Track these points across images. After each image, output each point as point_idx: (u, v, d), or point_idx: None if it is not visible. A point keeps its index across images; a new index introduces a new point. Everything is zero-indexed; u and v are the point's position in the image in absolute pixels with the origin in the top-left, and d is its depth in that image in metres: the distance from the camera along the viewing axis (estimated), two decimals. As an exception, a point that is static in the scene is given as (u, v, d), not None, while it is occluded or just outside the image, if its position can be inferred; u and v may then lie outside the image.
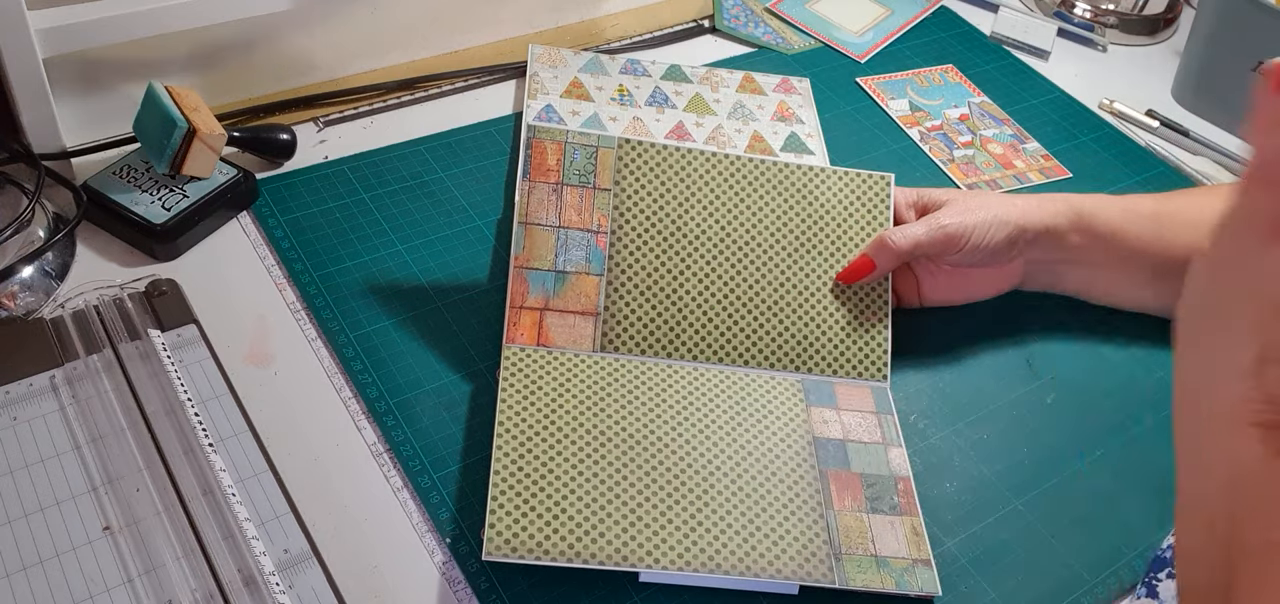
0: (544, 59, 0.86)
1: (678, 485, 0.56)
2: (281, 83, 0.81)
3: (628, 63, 0.88)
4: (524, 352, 0.61)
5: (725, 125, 0.83)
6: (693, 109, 0.84)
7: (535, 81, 0.84)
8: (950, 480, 0.60)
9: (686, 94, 0.86)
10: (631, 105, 0.83)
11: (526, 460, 0.55)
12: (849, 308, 0.66)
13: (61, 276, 0.65)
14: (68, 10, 0.67)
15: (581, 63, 0.87)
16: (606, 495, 0.54)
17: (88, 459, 0.54)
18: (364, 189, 0.73)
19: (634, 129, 0.81)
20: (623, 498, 0.54)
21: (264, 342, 0.63)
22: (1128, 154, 0.89)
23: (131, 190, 0.67)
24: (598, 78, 0.86)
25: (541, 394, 0.59)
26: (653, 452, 0.57)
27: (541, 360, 0.61)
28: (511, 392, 0.58)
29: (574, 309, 0.63)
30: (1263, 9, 0.87)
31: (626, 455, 0.57)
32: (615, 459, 0.56)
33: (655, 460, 0.57)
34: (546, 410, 0.58)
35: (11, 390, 0.56)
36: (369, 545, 0.54)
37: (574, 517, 0.53)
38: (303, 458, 0.57)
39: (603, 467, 0.56)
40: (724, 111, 0.85)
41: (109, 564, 0.50)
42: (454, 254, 0.70)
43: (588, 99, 0.83)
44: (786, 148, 0.82)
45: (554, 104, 0.82)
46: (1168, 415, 0.66)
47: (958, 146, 0.86)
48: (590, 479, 0.55)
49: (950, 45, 0.99)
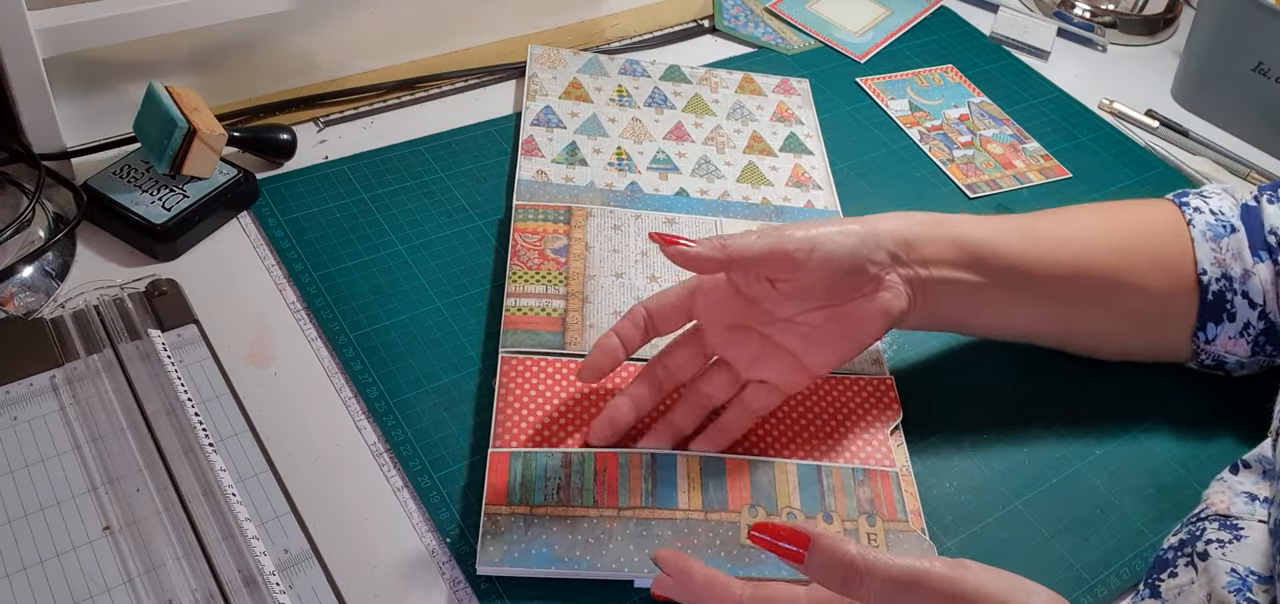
0: (543, 60, 0.86)
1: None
2: (281, 83, 0.81)
3: (626, 63, 0.88)
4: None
5: (724, 126, 0.83)
6: (692, 109, 0.84)
7: (534, 82, 0.84)
8: (950, 480, 0.60)
9: (686, 95, 0.86)
10: (630, 106, 0.83)
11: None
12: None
13: (62, 276, 0.65)
14: (68, 10, 0.67)
15: (580, 63, 0.87)
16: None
17: (88, 459, 0.54)
18: (364, 189, 0.73)
19: (633, 130, 0.81)
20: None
21: (264, 342, 0.63)
22: (1127, 154, 0.89)
23: (132, 190, 0.67)
24: (597, 78, 0.86)
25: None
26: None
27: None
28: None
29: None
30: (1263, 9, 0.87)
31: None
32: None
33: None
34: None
35: (11, 390, 0.56)
36: (369, 545, 0.54)
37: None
38: (303, 458, 0.57)
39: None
40: (723, 112, 0.85)
41: (109, 564, 0.50)
42: (454, 254, 0.70)
43: (587, 100, 0.83)
44: (786, 148, 0.82)
45: (553, 105, 0.82)
46: (1168, 416, 0.66)
47: (957, 146, 0.86)
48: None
49: (950, 45, 0.99)
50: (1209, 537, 0.51)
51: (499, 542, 0.52)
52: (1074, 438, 0.64)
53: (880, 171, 0.82)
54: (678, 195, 0.76)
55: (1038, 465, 0.62)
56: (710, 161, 0.79)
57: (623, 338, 0.57)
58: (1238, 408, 0.67)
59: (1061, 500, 0.60)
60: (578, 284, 0.66)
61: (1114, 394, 0.67)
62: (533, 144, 0.78)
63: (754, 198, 0.76)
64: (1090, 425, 0.65)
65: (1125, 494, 0.61)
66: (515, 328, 0.63)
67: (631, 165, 0.78)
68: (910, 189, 0.81)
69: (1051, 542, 0.58)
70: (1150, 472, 0.63)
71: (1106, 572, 0.57)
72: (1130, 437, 0.65)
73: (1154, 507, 0.61)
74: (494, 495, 0.54)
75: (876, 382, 0.64)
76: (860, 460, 0.59)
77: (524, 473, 0.55)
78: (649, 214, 0.73)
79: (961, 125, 0.89)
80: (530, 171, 0.75)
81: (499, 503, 0.54)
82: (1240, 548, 0.50)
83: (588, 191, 0.74)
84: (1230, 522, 0.51)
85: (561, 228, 0.70)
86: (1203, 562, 0.50)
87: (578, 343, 0.63)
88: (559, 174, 0.75)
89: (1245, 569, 0.48)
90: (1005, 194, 0.82)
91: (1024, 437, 0.64)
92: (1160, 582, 0.52)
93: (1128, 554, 0.58)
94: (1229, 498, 0.53)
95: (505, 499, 0.54)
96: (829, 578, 0.43)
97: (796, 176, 0.79)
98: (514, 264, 0.67)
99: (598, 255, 0.69)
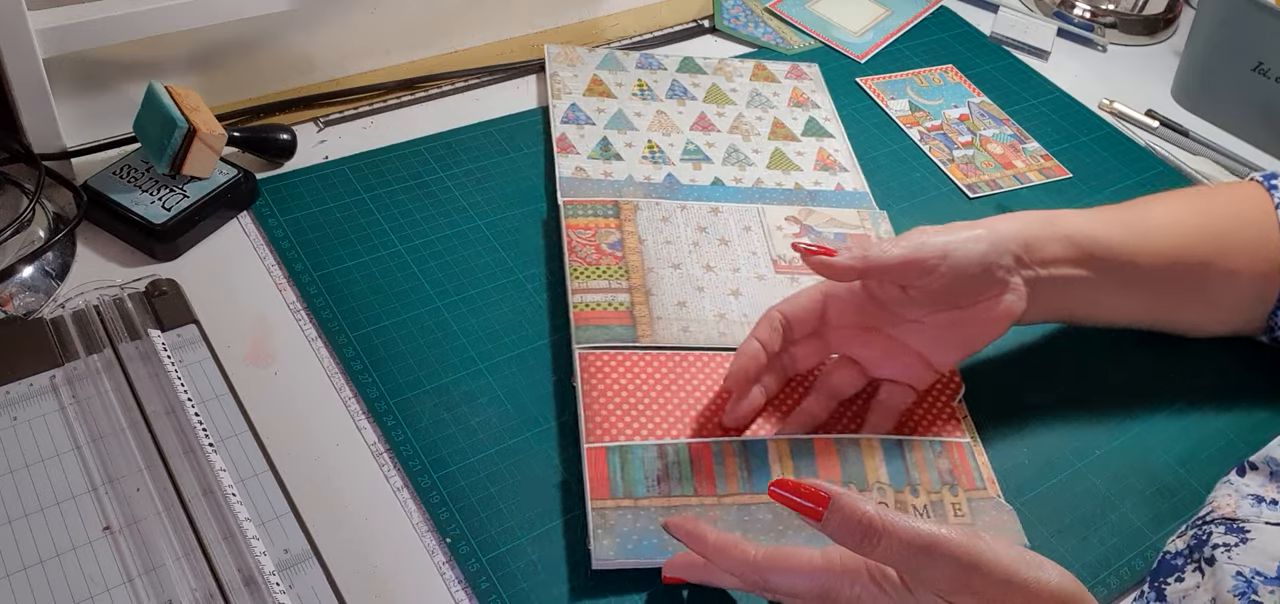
0: (561, 58, 0.87)
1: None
2: (281, 83, 0.81)
3: (642, 57, 0.89)
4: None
5: (745, 114, 0.84)
6: (712, 99, 0.85)
7: (556, 81, 0.84)
8: (950, 480, 0.60)
9: (703, 85, 0.87)
10: (653, 99, 0.84)
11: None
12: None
13: (61, 276, 0.65)
14: (68, 10, 0.67)
15: (597, 59, 0.88)
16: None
17: (88, 459, 0.54)
18: (364, 189, 0.73)
19: (660, 123, 0.82)
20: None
21: (264, 342, 0.63)
22: (1127, 154, 0.89)
23: (132, 190, 0.67)
24: (616, 74, 0.86)
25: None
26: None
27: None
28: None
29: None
30: (1263, 9, 0.87)
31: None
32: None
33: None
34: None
35: (11, 390, 0.56)
36: (369, 545, 0.54)
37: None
38: (303, 458, 0.57)
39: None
40: (742, 100, 0.86)
41: (109, 564, 0.50)
42: (454, 254, 0.70)
43: (610, 96, 0.84)
44: (808, 132, 0.83)
45: (578, 102, 0.83)
46: (1168, 415, 0.66)
47: (957, 146, 0.86)
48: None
49: (950, 45, 0.99)
50: (1216, 541, 0.51)
51: (610, 535, 0.53)
52: (1074, 438, 0.64)
53: (880, 171, 0.82)
54: (714, 185, 0.77)
55: (1038, 465, 0.62)
56: (738, 150, 0.80)
57: (762, 342, 0.59)
58: (1239, 408, 0.67)
59: (1061, 500, 0.60)
60: (639, 278, 0.67)
61: (1114, 395, 0.67)
62: (566, 141, 0.79)
63: (787, 184, 0.78)
64: (1090, 425, 0.65)
65: (1125, 494, 0.61)
66: (586, 324, 0.64)
67: (665, 157, 0.78)
68: (910, 189, 0.81)
69: (1052, 542, 0.58)
70: (1150, 472, 0.63)
71: (1106, 572, 0.57)
72: (1130, 437, 0.65)
73: (1154, 507, 0.61)
74: (598, 489, 0.55)
75: None
76: (935, 433, 0.60)
77: (623, 465, 0.56)
78: (693, 204, 0.74)
79: (961, 125, 0.89)
80: (569, 168, 0.76)
81: (603, 497, 0.55)
82: (1247, 550, 0.50)
83: (628, 185, 0.75)
84: (1236, 524, 0.51)
85: (612, 222, 0.71)
86: (1210, 566, 0.50)
87: (649, 336, 0.64)
88: (597, 169, 0.76)
89: (1251, 571, 0.48)
90: (1005, 194, 0.82)
91: (1024, 437, 0.64)
92: (1166, 586, 0.52)
93: (1128, 554, 0.58)
94: (1235, 500, 0.53)
95: (609, 493, 0.55)
96: (847, 537, 0.44)
97: (823, 160, 0.81)
98: (573, 261, 0.68)
99: (651, 248, 0.70)
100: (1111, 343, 0.70)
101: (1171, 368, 0.69)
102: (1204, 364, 0.69)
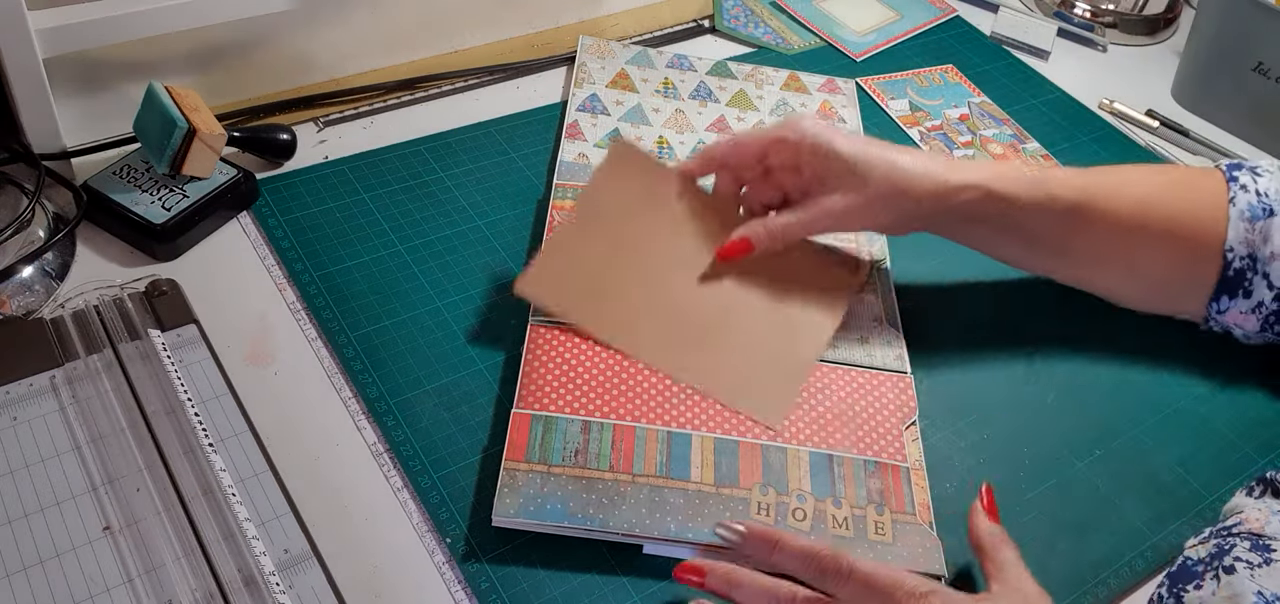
0: (593, 50, 0.88)
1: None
2: (281, 83, 0.81)
3: (675, 57, 0.89)
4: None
5: (767, 122, 0.84)
6: (736, 104, 0.85)
7: (583, 71, 0.85)
8: (950, 480, 0.60)
9: (731, 89, 0.87)
10: (675, 98, 0.84)
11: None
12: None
13: (61, 276, 0.65)
14: (68, 10, 0.67)
15: (629, 55, 0.88)
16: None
17: (88, 459, 0.54)
18: (364, 189, 0.73)
19: (676, 121, 0.82)
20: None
21: (264, 341, 0.63)
22: (1128, 154, 0.89)
23: (131, 190, 0.67)
24: (644, 70, 0.87)
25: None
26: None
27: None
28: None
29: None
30: (1263, 9, 0.87)
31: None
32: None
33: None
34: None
35: (11, 390, 0.56)
36: (369, 545, 0.54)
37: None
38: (303, 458, 0.57)
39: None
40: (767, 108, 0.86)
41: (109, 564, 0.50)
42: (454, 254, 0.70)
43: (632, 90, 0.84)
44: None
45: (599, 93, 0.83)
46: (1168, 415, 0.66)
47: (958, 146, 0.86)
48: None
49: (950, 45, 0.99)
50: (1238, 555, 0.50)
51: (515, 495, 0.54)
52: (1074, 438, 0.64)
53: (880, 171, 0.82)
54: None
55: (1038, 465, 0.62)
56: None
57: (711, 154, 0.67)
58: (1239, 408, 0.67)
59: (1061, 500, 0.60)
60: None
61: (1114, 394, 0.67)
62: (577, 128, 0.79)
63: None
64: (1090, 425, 0.65)
65: (1125, 494, 0.61)
66: None
67: (671, 155, 0.79)
68: (910, 189, 0.81)
69: (1051, 541, 0.58)
70: (1150, 472, 0.63)
71: (1106, 571, 0.57)
72: (1130, 437, 0.65)
73: (1154, 507, 0.61)
74: (513, 452, 0.56)
75: (896, 377, 0.64)
76: (873, 452, 0.60)
77: (544, 435, 0.57)
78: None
79: (962, 125, 0.89)
80: (572, 154, 0.77)
81: (517, 459, 0.55)
82: (1270, 572, 0.49)
83: None
84: (1263, 542, 0.50)
85: None
86: (1228, 575, 0.49)
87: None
88: (599, 157, 0.76)
89: (1272, 594, 0.47)
90: (1005, 194, 0.82)
91: (1024, 437, 0.64)
92: (1184, 592, 0.51)
93: (1128, 554, 0.58)
94: (1265, 516, 0.52)
95: (524, 456, 0.56)
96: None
97: None
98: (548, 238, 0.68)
99: None
100: (1112, 344, 0.70)
101: (1171, 368, 0.69)
102: (1204, 364, 0.69)
